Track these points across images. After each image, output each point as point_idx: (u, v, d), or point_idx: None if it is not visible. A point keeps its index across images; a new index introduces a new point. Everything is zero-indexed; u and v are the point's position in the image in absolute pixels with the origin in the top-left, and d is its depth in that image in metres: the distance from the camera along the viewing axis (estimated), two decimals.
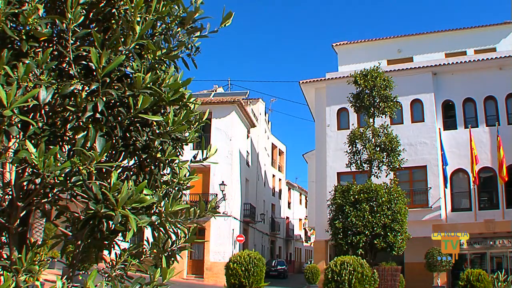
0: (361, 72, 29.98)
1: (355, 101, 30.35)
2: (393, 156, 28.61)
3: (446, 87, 41.38)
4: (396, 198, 26.80)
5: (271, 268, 56.63)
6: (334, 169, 39.30)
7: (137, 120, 4.44)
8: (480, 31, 46.28)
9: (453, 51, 45.25)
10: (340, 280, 17.71)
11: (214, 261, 43.16)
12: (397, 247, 26.37)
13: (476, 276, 26.48)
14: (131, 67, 4.45)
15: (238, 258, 19.88)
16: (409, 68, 41.80)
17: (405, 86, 38.49)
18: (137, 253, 4.84)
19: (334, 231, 26.97)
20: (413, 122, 40.56)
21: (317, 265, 37.97)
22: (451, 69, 41.63)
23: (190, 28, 5.02)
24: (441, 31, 47.09)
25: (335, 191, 28.22)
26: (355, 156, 29.27)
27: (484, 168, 39.39)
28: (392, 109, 29.98)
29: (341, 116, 41.66)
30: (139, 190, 3.97)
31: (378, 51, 45.82)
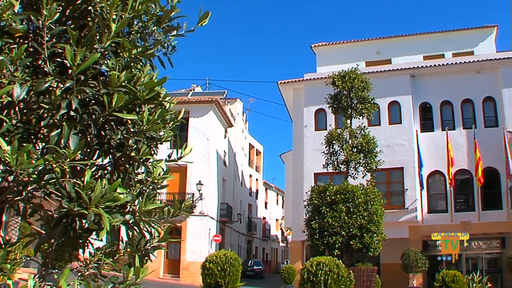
0: (339, 73, 30.04)
1: (332, 102, 30.40)
2: (370, 158, 28.68)
3: (424, 90, 41.63)
4: (373, 199, 26.87)
5: (248, 268, 56.68)
6: (311, 169, 39.36)
7: (112, 119, 4.41)
8: (459, 35, 46.61)
9: (431, 54, 45.54)
10: (316, 281, 17.72)
11: (191, 260, 43.09)
12: (373, 248, 26.44)
13: (451, 277, 26.58)
14: (106, 65, 4.42)
15: (214, 257, 19.80)
16: (387, 70, 42.03)
17: (383, 88, 38.61)
18: (111, 252, 4.82)
19: (311, 231, 27.01)
20: (390, 123, 40.77)
21: (294, 265, 37.95)
22: (429, 72, 41.90)
23: (167, 27, 5.00)
24: (420, 34, 47.39)
25: (311, 192, 28.26)
26: (332, 157, 29.30)
27: (460, 170, 39.69)
28: (369, 110, 30.07)
29: (319, 117, 41.76)
30: (112, 188, 3.95)
31: (357, 52, 45.96)
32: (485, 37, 46.20)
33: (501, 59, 40.97)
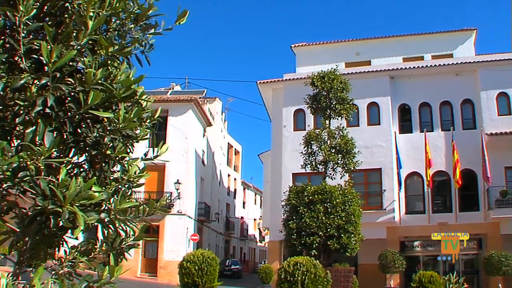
0: (319, 74, 30.04)
1: (311, 102, 30.40)
2: (348, 158, 28.70)
3: (403, 91, 41.83)
4: (351, 199, 26.92)
5: (225, 267, 56.59)
6: (290, 169, 39.39)
7: (88, 116, 4.39)
8: (438, 37, 46.94)
9: (411, 56, 45.82)
10: (293, 281, 17.73)
11: (168, 259, 42.96)
12: (351, 249, 26.48)
13: (428, 278, 26.71)
14: (83, 63, 4.40)
15: (192, 257, 19.78)
16: (366, 71, 42.23)
17: (362, 89, 38.72)
18: (87, 251, 4.79)
19: (288, 231, 27.01)
20: (369, 125, 40.91)
21: (271, 265, 38.00)
22: (408, 74, 42.12)
23: (144, 25, 4.98)
24: (400, 36, 47.66)
25: (289, 192, 28.27)
26: (310, 157, 29.29)
27: (438, 172, 39.97)
28: (348, 111, 30.10)
29: (298, 117, 41.79)
30: (87, 186, 3.93)
31: (337, 53, 46.07)
32: (465, 40, 46.57)
33: (480, 62, 41.29)
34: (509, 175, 39.16)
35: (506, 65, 40.61)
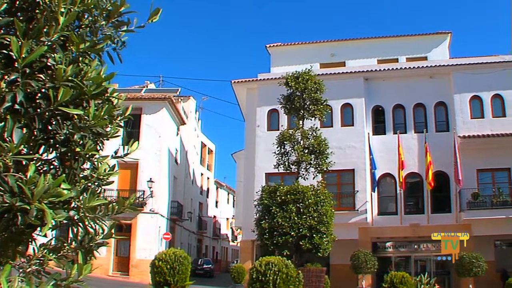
0: (293, 74, 30.02)
1: (285, 102, 30.36)
2: (321, 159, 28.68)
3: (377, 93, 42.07)
4: (323, 200, 26.93)
5: (198, 266, 56.60)
6: (263, 169, 39.42)
7: (58, 113, 4.35)
8: (413, 40, 47.40)
9: (385, 58, 46.16)
10: (265, 280, 17.69)
11: (141, 258, 42.77)
12: (323, 249, 26.50)
13: (400, 278, 26.84)
14: (53, 59, 4.35)
15: (164, 256, 19.70)
16: (341, 72, 42.47)
17: (336, 90, 38.86)
18: (56, 248, 4.74)
19: (261, 231, 26.99)
20: (343, 125, 41.14)
21: (244, 264, 38.10)
22: (382, 76, 42.43)
23: (116, 22, 4.95)
24: (375, 38, 47.97)
25: (262, 192, 28.23)
26: (283, 157, 29.25)
27: (411, 173, 40.31)
28: (322, 112, 30.07)
29: (272, 117, 41.86)
30: (56, 184, 3.89)
31: (312, 54, 46.20)
32: (439, 43, 47.02)
33: (454, 65, 41.81)
34: (481, 178, 39.63)
35: (480, 68, 41.09)
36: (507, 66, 41.44)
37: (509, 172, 39.87)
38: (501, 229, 37.94)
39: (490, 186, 40.01)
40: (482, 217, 37.38)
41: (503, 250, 41.94)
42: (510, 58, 42.15)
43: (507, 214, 37.28)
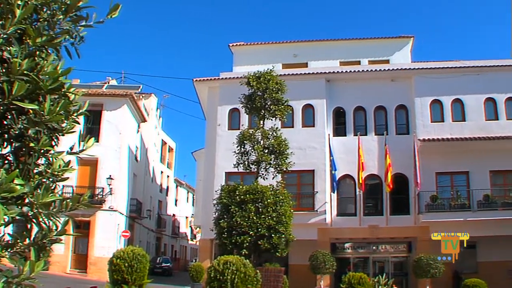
0: (255, 74, 29.99)
1: (246, 102, 30.30)
2: (281, 159, 28.68)
3: (338, 94, 42.23)
4: (282, 200, 26.94)
5: (156, 265, 56.37)
6: (223, 168, 39.31)
7: (13, 107, 4.29)
8: (376, 43, 47.71)
9: (348, 60, 46.39)
10: (223, 280, 17.64)
11: (99, 256, 42.38)
12: (281, 249, 26.54)
13: (357, 279, 26.98)
14: (9, 52, 4.29)
15: (122, 253, 19.51)
16: (303, 73, 42.49)
17: (298, 91, 38.97)
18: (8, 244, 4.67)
19: (219, 230, 26.93)
20: (304, 126, 41.19)
21: (202, 263, 37.88)
22: (344, 77, 42.64)
23: (75, 16, 4.89)
24: (338, 40, 48.18)
25: (221, 191, 28.16)
26: (243, 156, 29.18)
27: (370, 175, 40.52)
28: (283, 112, 30.07)
29: (233, 116, 41.78)
30: (9, 179, 3.83)
31: (274, 54, 46.21)
32: (402, 46, 47.43)
33: (415, 69, 42.18)
34: (439, 181, 40.06)
35: (441, 73, 41.58)
36: (468, 71, 41.96)
37: (468, 176, 40.31)
38: (459, 231, 38.33)
39: (449, 189, 40.46)
40: (440, 220, 37.67)
41: (460, 252, 42.34)
42: (470, 63, 42.65)
43: (465, 216, 37.71)
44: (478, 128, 40.53)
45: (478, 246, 40.27)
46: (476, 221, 37.29)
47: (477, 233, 37.17)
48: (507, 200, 38.20)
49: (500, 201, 38.20)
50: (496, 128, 40.48)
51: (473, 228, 36.97)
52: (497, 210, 37.67)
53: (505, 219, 36.94)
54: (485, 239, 38.49)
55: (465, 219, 37.54)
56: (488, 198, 38.03)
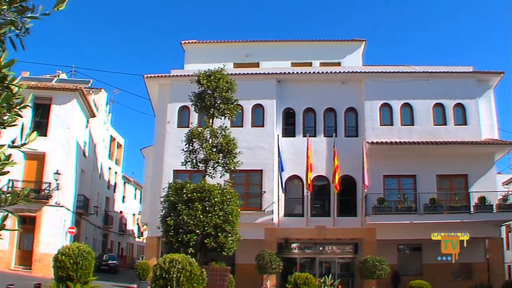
0: (205, 72, 29.89)
1: (196, 100, 30.18)
2: (229, 158, 28.63)
3: (289, 95, 42.43)
4: (229, 199, 26.87)
5: (102, 262, 55.79)
6: (171, 166, 39.11)
7: None
8: (328, 45, 48.16)
9: (299, 61, 46.69)
10: (168, 278, 17.58)
11: (44, 252, 41.70)
12: (228, 248, 26.48)
13: (303, 279, 27.18)
14: None
15: (67, 250, 19.29)
16: (254, 73, 42.58)
17: (249, 90, 39.09)
18: None
19: (166, 228, 26.77)
20: (253, 126, 41.31)
21: (149, 261, 37.67)
22: (295, 78, 42.81)
23: (20, 7, 4.80)
24: (290, 41, 48.43)
25: (169, 188, 28.01)
26: (191, 155, 29.06)
27: (318, 176, 40.80)
28: (232, 111, 30.00)
29: (183, 114, 41.62)
30: None
31: (226, 53, 46.27)
32: (353, 50, 48.00)
33: (366, 72, 42.82)
34: (387, 183, 40.62)
35: (391, 77, 42.18)
36: (418, 77, 42.64)
37: (415, 179, 40.89)
38: (405, 234, 38.92)
39: (396, 192, 41.04)
40: (387, 222, 38.19)
41: (406, 254, 42.98)
42: (420, 69, 43.22)
43: (411, 219, 38.26)
44: (426, 132, 41.18)
45: (423, 248, 40.97)
46: (422, 224, 37.87)
47: (422, 236, 37.81)
48: (453, 204, 38.91)
49: (446, 205, 38.90)
50: (444, 133, 41.18)
51: (419, 231, 37.70)
52: (443, 213, 38.25)
53: (450, 222, 37.55)
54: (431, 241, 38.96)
55: (411, 221, 38.15)
56: (434, 201, 38.61)
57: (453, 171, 41.15)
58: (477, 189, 39.87)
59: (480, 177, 40.76)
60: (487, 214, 38.63)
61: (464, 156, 40.82)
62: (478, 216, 38.38)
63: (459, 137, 41.14)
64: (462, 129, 41.75)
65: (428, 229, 37.22)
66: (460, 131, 41.62)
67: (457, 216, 38.22)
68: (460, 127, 41.83)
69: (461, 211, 38.59)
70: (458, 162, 40.73)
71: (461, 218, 38.16)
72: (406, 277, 37.40)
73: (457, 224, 37.59)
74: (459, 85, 42.47)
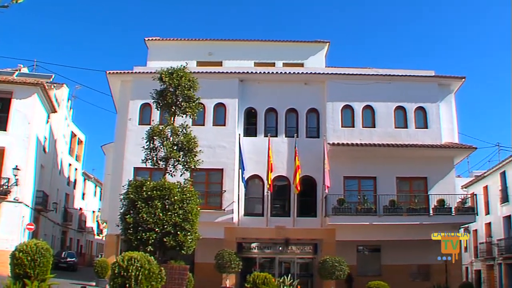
0: (168, 70, 29.74)
1: (158, 97, 30.02)
2: (190, 157, 28.50)
3: (251, 95, 42.54)
4: (189, 198, 26.71)
5: (61, 259, 55.30)
6: (132, 163, 38.83)
7: None
8: (292, 46, 48.44)
9: (263, 61, 46.88)
10: (127, 276, 17.43)
11: (2, 249, 40.91)
12: (187, 247, 26.35)
13: (262, 279, 27.20)
14: None
15: (25, 247, 19.05)
16: (217, 72, 42.52)
17: (211, 89, 39.25)
18: None
19: (125, 226, 26.55)
20: (214, 125, 41.31)
21: (108, 259, 37.43)
22: (258, 78, 42.95)
23: None
24: (254, 40, 48.52)
25: (128, 186, 27.82)
26: (152, 152, 28.91)
27: (279, 176, 40.94)
28: (194, 110, 29.82)
29: (144, 111, 41.41)
30: None
31: (190, 51, 46.40)
32: (317, 51, 48.36)
33: (328, 74, 43.08)
34: (347, 185, 40.96)
35: (354, 79, 42.56)
36: (380, 79, 43.00)
37: (375, 181, 41.25)
38: (364, 235, 39.22)
39: (356, 193, 41.29)
40: (347, 223, 38.44)
41: (365, 255, 43.27)
42: (383, 72, 43.58)
43: (371, 220, 38.55)
44: (387, 135, 41.56)
45: (382, 249, 41.35)
46: (381, 225, 38.25)
47: (382, 237, 38.30)
48: (412, 206, 39.22)
49: (405, 207, 39.26)
50: (404, 136, 41.61)
51: (378, 232, 38.10)
52: (402, 215, 38.58)
53: (410, 224, 38.04)
54: (390, 243, 39.52)
55: (371, 223, 38.46)
56: (394, 203, 38.91)
57: (413, 173, 41.58)
58: (437, 191, 40.29)
59: (439, 180, 41.23)
60: (446, 217, 39.05)
61: (424, 159, 41.30)
62: (437, 219, 38.76)
63: (419, 140, 41.59)
64: (422, 132, 42.19)
65: (387, 231, 37.81)
66: (421, 134, 42.07)
67: (416, 218, 38.61)
68: (420, 130, 42.28)
69: (420, 213, 38.94)
70: (418, 165, 41.18)
71: (420, 220, 38.58)
72: (365, 278, 37.56)
73: (416, 226, 38.11)
74: (420, 89, 42.96)
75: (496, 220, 59.94)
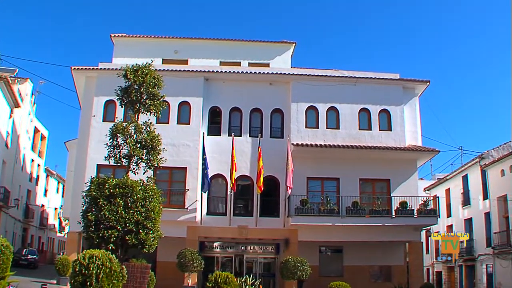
0: (132, 67, 29.54)
1: (122, 94, 29.79)
2: (153, 154, 28.37)
3: (216, 94, 42.54)
4: (151, 196, 26.55)
5: (21, 257, 54.74)
6: (95, 160, 38.57)
7: None
8: (258, 46, 48.42)
9: (228, 60, 46.80)
10: (87, 274, 17.30)
11: None
12: (149, 245, 26.23)
13: (224, 278, 27.14)
14: None
15: None
16: (182, 70, 42.37)
17: (176, 87, 39.25)
18: None
19: (87, 223, 26.30)
20: (178, 123, 41.20)
21: (69, 257, 37.11)
22: (223, 77, 42.94)
23: None
24: (220, 39, 48.43)
25: (91, 183, 27.59)
26: (115, 149, 28.68)
27: (242, 176, 40.98)
28: (158, 107, 29.68)
29: (109, 108, 41.13)
30: None
31: (156, 48, 46.29)
32: (283, 51, 48.37)
33: (294, 74, 43.04)
34: (310, 185, 41.07)
35: (319, 80, 42.66)
36: (345, 81, 43.23)
37: (338, 182, 41.44)
38: (327, 236, 39.40)
39: (319, 194, 41.36)
40: (309, 223, 38.57)
41: (327, 255, 43.49)
42: (348, 74, 43.78)
43: (333, 221, 38.72)
44: (350, 136, 41.85)
45: (344, 250, 41.65)
46: (344, 226, 38.51)
47: (344, 238, 38.57)
48: (375, 208, 39.47)
49: (368, 208, 39.51)
50: (368, 138, 41.91)
51: (340, 233, 38.36)
52: (364, 216, 38.82)
53: (372, 225, 38.33)
54: (352, 244, 39.79)
55: (334, 224, 38.66)
56: (357, 204, 39.09)
57: (376, 175, 41.85)
58: (399, 193, 40.61)
59: (402, 182, 41.56)
60: (408, 219, 39.39)
61: (388, 161, 41.59)
62: (399, 220, 39.11)
63: (383, 143, 41.91)
64: (386, 135, 42.52)
65: (349, 232, 38.05)
66: (384, 137, 42.39)
67: (378, 220, 38.91)
68: (384, 133, 42.59)
69: (382, 215, 39.24)
70: (381, 167, 41.46)
71: (383, 222, 38.89)
72: (327, 278, 37.73)
73: (378, 228, 38.41)
74: (385, 92, 43.28)
75: (457, 223, 60.48)
